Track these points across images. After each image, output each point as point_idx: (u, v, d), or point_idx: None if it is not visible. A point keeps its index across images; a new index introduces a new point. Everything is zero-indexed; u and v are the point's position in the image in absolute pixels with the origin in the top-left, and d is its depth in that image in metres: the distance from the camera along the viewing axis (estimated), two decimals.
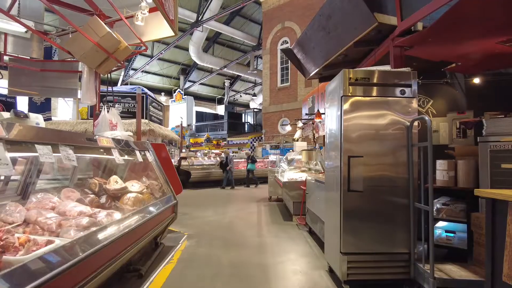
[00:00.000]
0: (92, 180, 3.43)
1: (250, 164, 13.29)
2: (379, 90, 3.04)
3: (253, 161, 13.35)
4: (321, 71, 5.34)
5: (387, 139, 3.04)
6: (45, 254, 1.72)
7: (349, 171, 2.98)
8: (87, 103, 4.00)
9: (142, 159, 3.93)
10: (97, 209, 2.62)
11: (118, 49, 4.05)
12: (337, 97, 3.13)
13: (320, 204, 4.39)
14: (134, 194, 3.40)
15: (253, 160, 13.38)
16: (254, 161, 13.43)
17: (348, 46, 4.18)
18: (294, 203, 6.20)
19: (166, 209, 3.96)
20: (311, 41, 5.18)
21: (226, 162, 12.83)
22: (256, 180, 13.54)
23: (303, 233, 5.26)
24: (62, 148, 2.29)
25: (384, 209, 3.02)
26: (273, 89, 22.54)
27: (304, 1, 20.39)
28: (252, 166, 13.37)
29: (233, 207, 8.10)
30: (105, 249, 2.34)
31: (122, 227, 2.74)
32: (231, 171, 12.81)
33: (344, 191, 2.99)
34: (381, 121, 3.03)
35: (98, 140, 2.92)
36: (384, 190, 3.03)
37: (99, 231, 2.35)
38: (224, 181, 12.79)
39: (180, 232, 5.27)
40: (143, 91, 14.14)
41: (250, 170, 13.39)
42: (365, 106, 3.03)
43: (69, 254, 1.89)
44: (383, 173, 3.03)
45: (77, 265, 1.91)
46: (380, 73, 3.05)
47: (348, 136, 3.01)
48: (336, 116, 3.17)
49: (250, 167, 13.33)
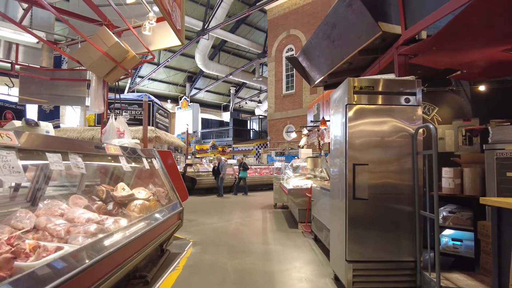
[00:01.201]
0: (99, 187, 3.48)
1: (242, 171, 12.92)
2: (384, 99, 3.06)
3: (245, 169, 12.96)
4: (326, 79, 5.38)
5: (392, 146, 3.05)
6: (54, 260, 1.76)
7: (354, 179, 2.99)
8: (95, 111, 4.08)
9: (149, 166, 3.98)
10: (105, 216, 2.66)
11: (126, 58, 4.13)
12: (342, 105, 3.16)
13: (325, 212, 4.39)
14: (140, 201, 3.43)
15: (245, 168, 12.98)
16: (246, 169, 13.03)
17: (352, 54, 4.22)
18: (300, 210, 6.20)
19: (172, 216, 3.99)
20: (316, 49, 5.23)
21: (218, 169, 12.51)
22: (246, 188, 13.10)
23: (308, 241, 5.24)
24: (72, 156, 2.34)
25: (389, 216, 3.02)
26: (278, 96, 22.62)
27: (309, 9, 20.55)
28: (244, 174, 13.00)
29: (238, 214, 8.11)
30: (112, 256, 2.37)
31: (129, 234, 2.77)
32: (223, 178, 12.40)
33: (349, 198, 3.00)
34: (386, 128, 3.05)
35: (106, 148, 2.97)
36: (389, 197, 3.03)
37: (106, 238, 2.38)
38: (220, 188, 12.47)
39: (186, 239, 5.28)
40: (150, 99, 14.31)
41: (241, 178, 13.02)
42: (370, 114, 3.05)
43: (77, 261, 1.92)
44: (388, 181, 3.03)
45: (85, 272, 1.94)
46: (384, 82, 3.08)
47: (353, 144, 3.02)
48: (341, 124, 3.19)
49: (242, 174, 12.95)
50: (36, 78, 4.99)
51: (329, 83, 5.91)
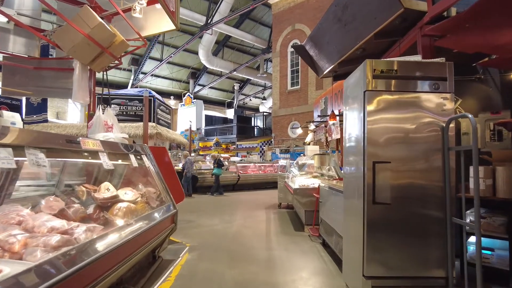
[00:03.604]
0: (79, 187, 3.06)
1: (216, 168, 11.96)
2: (409, 84, 2.59)
3: (219, 165, 12.03)
4: (336, 68, 4.89)
5: (418, 141, 2.58)
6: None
7: (374, 179, 2.52)
8: (79, 102, 3.65)
9: (138, 164, 3.54)
10: (76, 223, 2.22)
11: (113, 43, 3.70)
12: (359, 93, 2.69)
13: (336, 215, 3.93)
14: (125, 203, 3.00)
15: (219, 164, 12.04)
16: (220, 165, 12.07)
17: (367, 38, 3.73)
18: (306, 211, 5.74)
19: (165, 219, 3.56)
20: (325, 35, 4.75)
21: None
22: (219, 187, 11.98)
23: (316, 246, 4.79)
24: (30, 152, 1.91)
25: (415, 223, 2.55)
26: (283, 92, 22.11)
27: (315, 2, 19.97)
28: (218, 171, 11.99)
29: (241, 214, 7.66)
30: (83, 271, 1.94)
31: (108, 243, 2.35)
32: (188, 177, 11.47)
33: (368, 202, 2.53)
34: (411, 120, 2.58)
35: (82, 142, 2.53)
36: (415, 201, 2.56)
37: (74, 250, 1.95)
38: (184, 187, 11.10)
39: (182, 243, 4.85)
40: (151, 94, 13.90)
41: (215, 175, 12.01)
42: (392, 102, 2.58)
43: (25, 285, 1.50)
44: (413, 181, 2.57)
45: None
46: (409, 64, 2.60)
47: (373, 138, 2.56)
48: (358, 114, 2.73)
49: (216, 171, 11.96)
50: (20, 68, 4.57)
51: (340, 73, 5.42)
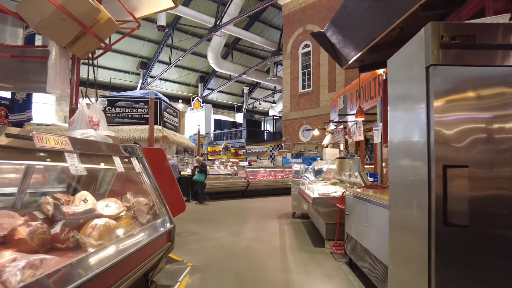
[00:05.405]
0: (45, 198, 2.37)
1: (199, 174, 10.32)
2: (495, 56, 1.82)
3: (202, 171, 10.31)
4: (364, 56, 4.14)
5: (508, 138, 1.81)
6: None
7: (446, 190, 1.76)
8: (55, 92, 2.99)
9: (125, 168, 2.84)
10: (12, 255, 1.52)
11: (98, 21, 3.04)
12: (418, 70, 1.93)
13: (369, 231, 3.16)
14: (103, 220, 2.30)
15: (202, 170, 10.32)
16: (203, 171, 10.34)
17: (410, 12, 2.97)
18: (327, 224, 4.95)
19: (158, 238, 2.84)
20: (351, 16, 4.02)
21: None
22: (203, 195, 10.46)
23: (341, 267, 4.01)
24: None
25: (504, 253, 1.78)
26: (294, 95, 21.35)
27: (327, 2, 19.25)
28: (200, 177, 10.28)
29: (251, 225, 6.90)
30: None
31: (63, 281, 1.65)
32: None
33: (436, 223, 1.77)
34: (499, 108, 1.81)
35: (37, 138, 1.84)
36: (506, 220, 1.79)
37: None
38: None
39: (183, 262, 4.12)
40: (156, 96, 13.33)
41: (197, 182, 10.43)
42: (470, 82, 1.82)
43: None
44: (502, 193, 1.79)
45: None
46: (494, 28, 1.84)
47: (443, 133, 1.80)
48: (415, 101, 1.98)
49: (198, 177, 10.32)
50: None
51: (367, 63, 4.66)
